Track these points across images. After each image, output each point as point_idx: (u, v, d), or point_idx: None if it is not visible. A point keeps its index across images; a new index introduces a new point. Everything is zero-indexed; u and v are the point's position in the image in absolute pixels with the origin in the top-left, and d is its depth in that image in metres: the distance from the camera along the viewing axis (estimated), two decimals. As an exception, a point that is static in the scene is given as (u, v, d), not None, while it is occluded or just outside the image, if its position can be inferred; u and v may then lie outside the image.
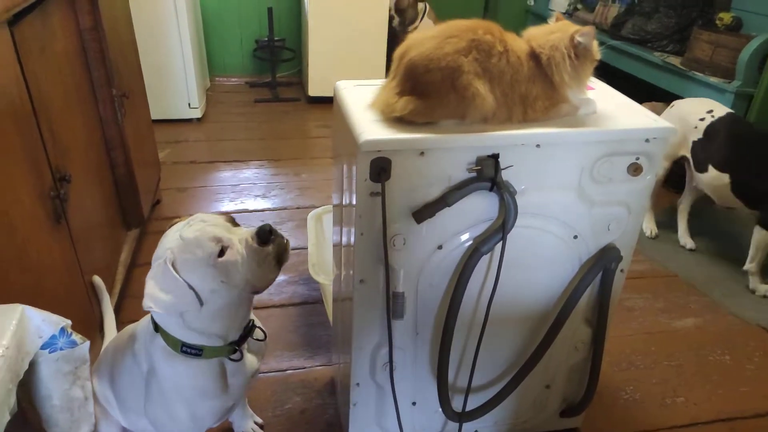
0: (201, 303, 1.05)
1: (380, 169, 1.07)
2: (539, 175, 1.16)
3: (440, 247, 1.18)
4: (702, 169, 2.29)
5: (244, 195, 2.75)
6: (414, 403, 1.41)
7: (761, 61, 2.58)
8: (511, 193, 1.13)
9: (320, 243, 1.94)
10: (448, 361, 1.27)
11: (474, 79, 1.05)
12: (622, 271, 1.34)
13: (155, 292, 1.02)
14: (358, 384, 1.35)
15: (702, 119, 2.29)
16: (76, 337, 0.88)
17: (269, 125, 3.60)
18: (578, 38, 1.12)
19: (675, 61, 3.05)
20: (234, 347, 1.17)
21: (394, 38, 4.10)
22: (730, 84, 2.66)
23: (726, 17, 3.13)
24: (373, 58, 3.88)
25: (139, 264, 2.14)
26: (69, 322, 0.87)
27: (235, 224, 1.13)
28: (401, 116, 1.08)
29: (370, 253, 1.17)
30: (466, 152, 1.10)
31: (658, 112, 1.19)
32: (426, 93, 1.06)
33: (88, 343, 0.89)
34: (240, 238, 1.07)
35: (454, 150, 1.09)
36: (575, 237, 1.25)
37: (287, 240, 1.12)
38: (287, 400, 1.67)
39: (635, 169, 1.21)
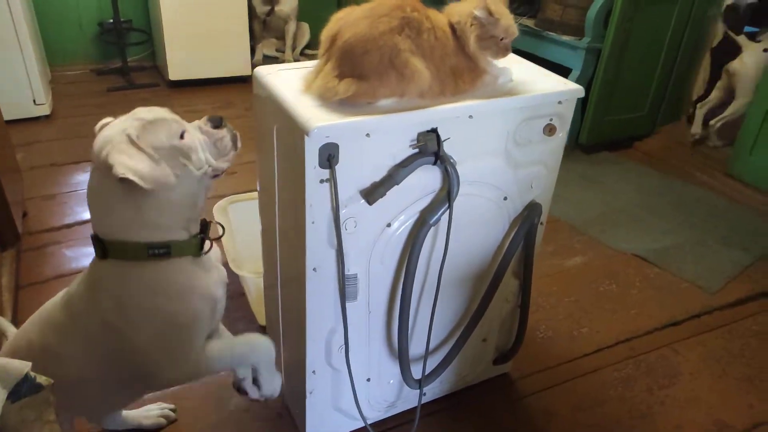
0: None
1: (329, 155, 1.06)
2: (472, 145, 1.22)
3: (389, 225, 1.21)
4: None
5: (124, 194, 2.54)
6: (368, 379, 1.44)
7: (605, 17, 2.87)
8: (452, 164, 1.18)
9: (233, 235, 1.87)
10: (407, 334, 1.31)
11: (411, 57, 1.07)
12: (542, 223, 1.46)
13: (127, 161, 0.94)
14: (314, 371, 1.34)
15: None
16: (40, 379, 0.78)
17: (132, 116, 3.32)
18: (476, 12, 1.17)
19: (529, 23, 3.27)
20: (201, 239, 1.11)
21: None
22: (581, 41, 2.93)
23: (566, -21, 3.41)
24: (235, 30, 3.70)
25: (25, 285, 1.91)
26: (29, 364, 0.77)
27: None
28: (344, 99, 1.07)
29: (322, 240, 1.16)
30: (407, 129, 1.13)
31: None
32: (366, 74, 1.06)
33: (52, 383, 0.80)
34: (193, 125, 1.08)
35: (397, 128, 1.11)
36: (505, 198, 1.33)
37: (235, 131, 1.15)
38: (228, 400, 1.62)
39: (550, 130, 1.31)
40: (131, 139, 0.97)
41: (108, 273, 1.06)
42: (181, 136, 1.03)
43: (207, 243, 1.14)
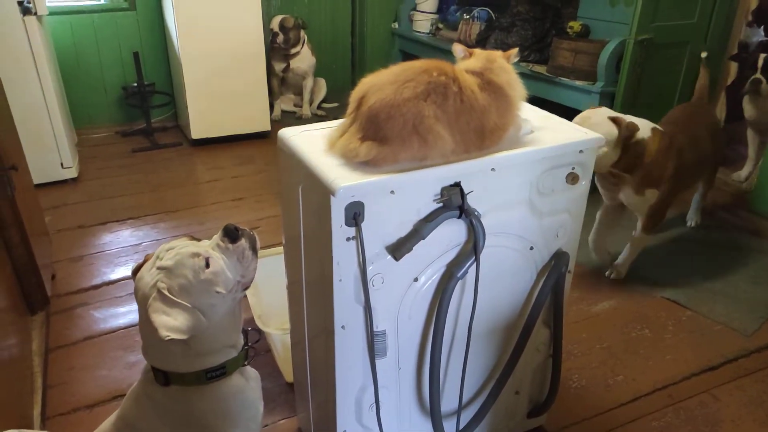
0: (206, 320, 1.06)
1: (355, 213, 1.07)
2: (496, 196, 1.23)
3: (416, 279, 1.20)
4: None
5: (149, 254, 2.57)
6: (400, 437, 1.41)
7: (617, 62, 2.90)
8: (476, 216, 1.18)
9: (258, 291, 1.88)
10: (439, 390, 1.29)
11: (435, 123, 1.07)
12: (570, 271, 1.44)
13: (166, 321, 1.01)
14: (345, 431, 1.32)
15: None
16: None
17: (156, 175, 3.40)
18: (513, 57, 1.22)
19: (541, 69, 3.33)
20: (245, 351, 1.20)
21: (277, 55, 4.11)
22: (594, 85, 2.96)
23: (576, 25, 3.48)
24: (254, 88, 3.80)
25: (54, 348, 1.92)
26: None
27: (198, 239, 1.17)
28: (365, 161, 1.09)
29: (349, 297, 1.16)
30: (431, 184, 1.14)
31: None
32: (388, 138, 1.07)
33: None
34: (212, 246, 1.11)
35: (420, 184, 1.12)
36: (531, 248, 1.33)
37: (252, 231, 1.17)
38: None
39: (573, 179, 1.32)
40: (163, 294, 1.03)
41: (173, 399, 1.13)
42: (207, 264, 1.06)
43: (251, 352, 1.23)
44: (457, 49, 1.28)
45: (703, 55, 2.77)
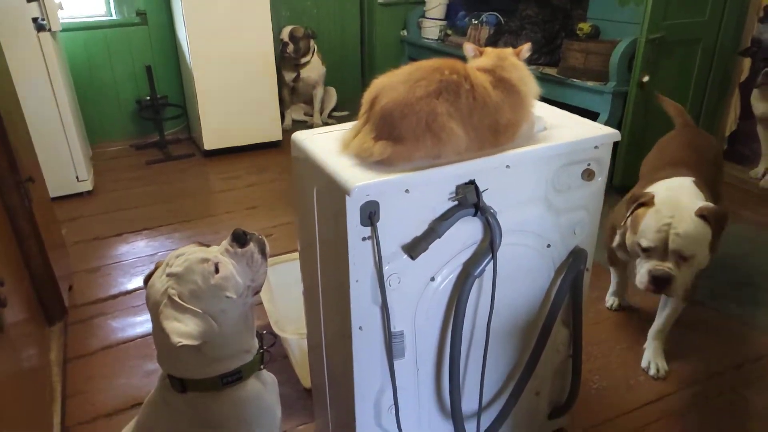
0: (217, 325, 1.06)
1: (370, 213, 1.07)
2: (511, 194, 1.21)
3: (433, 279, 1.19)
4: None
5: (164, 263, 2.58)
6: (420, 440, 1.39)
7: (629, 61, 2.88)
8: (492, 214, 1.17)
9: (274, 297, 1.87)
10: (459, 391, 1.27)
11: (448, 120, 1.07)
12: (588, 269, 1.42)
13: (177, 327, 1.02)
14: (364, 434, 1.31)
15: None
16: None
17: (169, 186, 3.43)
18: (525, 53, 1.22)
19: (552, 71, 3.31)
20: (261, 355, 1.20)
21: (287, 65, 4.14)
22: (606, 85, 2.94)
23: (585, 27, 3.47)
24: (265, 98, 3.83)
25: (72, 358, 1.93)
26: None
27: (207, 245, 1.16)
28: (380, 160, 1.08)
29: (366, 298, 1.15)
30: (446, 182, 1.13)
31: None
32: (402, 137, 1.07)
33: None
34: (221, 251, 1.11)
35: (435, 182, 1.11)
36: (548, 246, 1.31)
37: (260, 235, 1.17)
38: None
39: (589, 175, 1.30)
40: (174, 301, 1.04)
41: (190, 405, 1.13)
42: (216, 270, 1.06)
43: (267, 354, 1.23)
44: (468, 48, 1.27)
45: (645, 79, 2.43)
